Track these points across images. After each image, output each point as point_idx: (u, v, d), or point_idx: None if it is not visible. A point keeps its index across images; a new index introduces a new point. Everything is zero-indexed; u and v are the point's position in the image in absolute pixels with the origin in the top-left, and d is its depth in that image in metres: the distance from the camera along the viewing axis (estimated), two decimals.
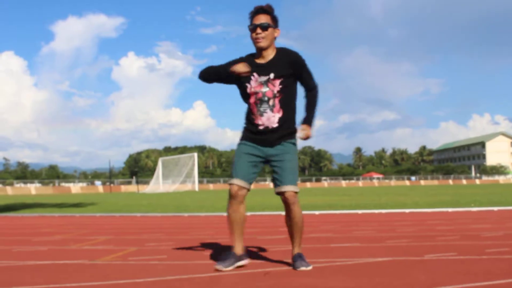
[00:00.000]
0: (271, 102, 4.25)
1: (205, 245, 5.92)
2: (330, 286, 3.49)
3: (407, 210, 11.44)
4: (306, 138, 4.34)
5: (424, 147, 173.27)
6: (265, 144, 4.31)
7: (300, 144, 4.52)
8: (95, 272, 4.30)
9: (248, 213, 11.18)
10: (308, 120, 4.38)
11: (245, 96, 4.37)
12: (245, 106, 4.43)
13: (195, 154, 58.51)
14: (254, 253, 5.16)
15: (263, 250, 5.41)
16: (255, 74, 4.27)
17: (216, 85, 4.49)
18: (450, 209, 11.44)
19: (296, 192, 4.26)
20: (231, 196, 4.28)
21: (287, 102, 4.30)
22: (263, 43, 4.22)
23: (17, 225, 9.64)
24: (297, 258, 4.27)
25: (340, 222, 8.83)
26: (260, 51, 4.29)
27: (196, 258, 4.93)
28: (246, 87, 4.31)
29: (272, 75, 4.25)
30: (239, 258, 4.33)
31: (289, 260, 4.52)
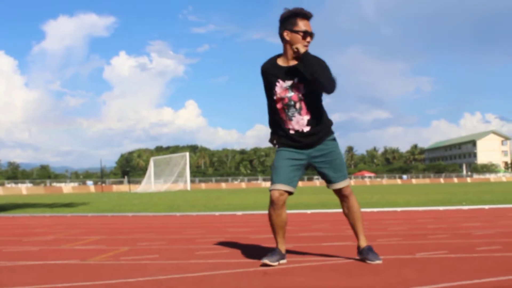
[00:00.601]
0: (297, 106, 4.27)
1: (196, 244, 5.92)
2: (323, 285, 3.50)
3: (398, 209, 11.47)
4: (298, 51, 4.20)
5: (415, 146, 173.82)
6: (304, 147, 4.33)
7: None
8: (87, 272, 4.29)
9: (240, 213, 11.18)
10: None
11: (272, 103, 4.39)
12: (236, 105, 4.43)
13: (187, 154, 58.50)
14: (246, 252, 5.17)
15: (256, 249, 5.41)
16: (279, 80, 4.28)
17: (207, 84, 4.50)
18: (441, 208, 11.48)
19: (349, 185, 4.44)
20: (273, 202, 4.29)
21: (313, 103, 4.31)
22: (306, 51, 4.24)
23: (8, 226, 9.59)
24: (369, 252, 4.40)
25: (332, 220, 8.84)
26: (288, 55, 4.29)
27: (188, 258, 4.93)
28: (273, 93, 4.33)
29: (296, 80, 4.26)
30: (283, 256, 4.42)
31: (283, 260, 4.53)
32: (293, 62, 4.29)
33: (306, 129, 4.29)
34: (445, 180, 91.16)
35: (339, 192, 4.42)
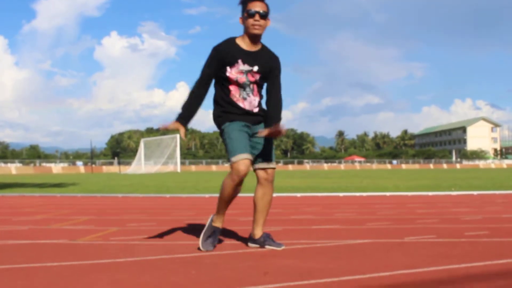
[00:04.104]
0: (252, 86, 4.28)
1: (186, 226, 5.92)
2: (311, 267, 3.51)
3: (388, 193, 11.53)
4: (280, 134, 4.29)
5: (405, 131, 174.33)
6: (252, 122, 4.30)
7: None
8: (76, 251, 4.29)
9: None
10: (278, 119, 4.36)
11: (223, 79, 4.26)
12: None
13: (177, 136, 58.13)
14: (235, 234, 5.18)
15: (245, 231, 5.41)
16: (239, 61, 4.21)
17: (199, 66, 4.42)
18: (430, 193, 11.55)
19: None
20: (239, 174, 4.06)
21: (261, 89, 4.38)
22: (260, 31, 4.18)
23: None
24: (267, 238, 4.36)
25: (321, 204, 8.87)
26: (251, 38, 4.22)
27: (177, 239, 4.94)
28: (226, 70, 4.22)
29: (256, 68, 4.23)
30: (220, 232, 4.43)
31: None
32: (254, 48, 4.26)
33: (256, 110, 4.31)
34: (434, 166, 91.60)
35: (263, 174, 4.29)
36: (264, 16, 4.16)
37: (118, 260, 3.87)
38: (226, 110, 4.28)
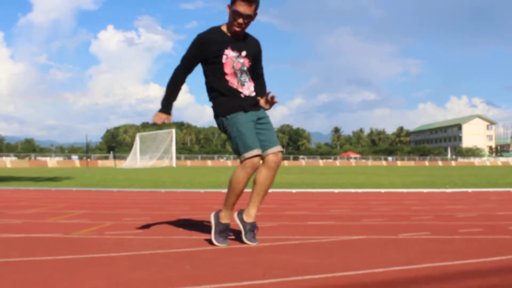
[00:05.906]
0: (248, 72, 4.37)
1: (181, 221, 5.92)
2: (306, 263, 3.52)
3: (383, 190, 11.54)
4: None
5: (401, 128, 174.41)
6: (256, 108, 4.35)
7: (279, 122, 4.57)
8: (70, 246, 4.28)
9: (225, 190, 11.19)
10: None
11: (218, 67, 4.28)
12: None
13: (173, 130, 58.25)
14: (231, 229, 5.18)
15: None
16: (229, 47, 4.27)
17: None
18: (425, 190, 11.56)
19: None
20: (253, 168, 4.16)
21: (252, 75, 4.47)
22: (241, 32, 4.27)
23: None
24: (253, 229, 4.34)
25: (316, 200, 8.88)
26: (232, 26, 4.26)
27: (172, 234, 4.93)
28: (222, 57, 4.26)
29: (244, 53, 4.33)
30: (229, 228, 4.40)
31: (265, 237, 4.55)
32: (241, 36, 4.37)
33: (253, 94, 4.37)
34: (430, 163, 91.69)
35: (273, 157, 4.24)
36: (251, 19, 4.21)
37: (112, 254, 3.87)
38: (229, 99, 4.29)
